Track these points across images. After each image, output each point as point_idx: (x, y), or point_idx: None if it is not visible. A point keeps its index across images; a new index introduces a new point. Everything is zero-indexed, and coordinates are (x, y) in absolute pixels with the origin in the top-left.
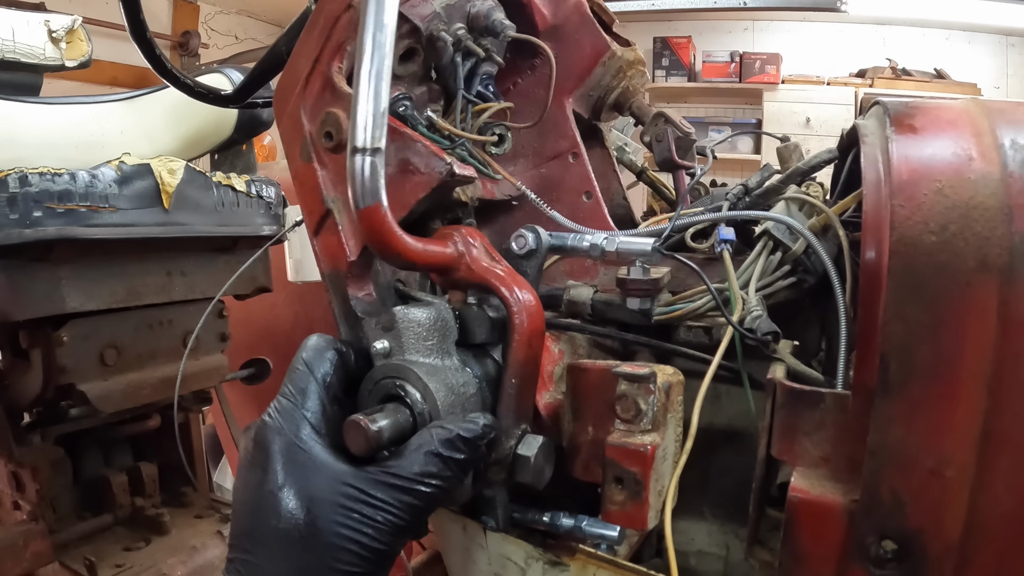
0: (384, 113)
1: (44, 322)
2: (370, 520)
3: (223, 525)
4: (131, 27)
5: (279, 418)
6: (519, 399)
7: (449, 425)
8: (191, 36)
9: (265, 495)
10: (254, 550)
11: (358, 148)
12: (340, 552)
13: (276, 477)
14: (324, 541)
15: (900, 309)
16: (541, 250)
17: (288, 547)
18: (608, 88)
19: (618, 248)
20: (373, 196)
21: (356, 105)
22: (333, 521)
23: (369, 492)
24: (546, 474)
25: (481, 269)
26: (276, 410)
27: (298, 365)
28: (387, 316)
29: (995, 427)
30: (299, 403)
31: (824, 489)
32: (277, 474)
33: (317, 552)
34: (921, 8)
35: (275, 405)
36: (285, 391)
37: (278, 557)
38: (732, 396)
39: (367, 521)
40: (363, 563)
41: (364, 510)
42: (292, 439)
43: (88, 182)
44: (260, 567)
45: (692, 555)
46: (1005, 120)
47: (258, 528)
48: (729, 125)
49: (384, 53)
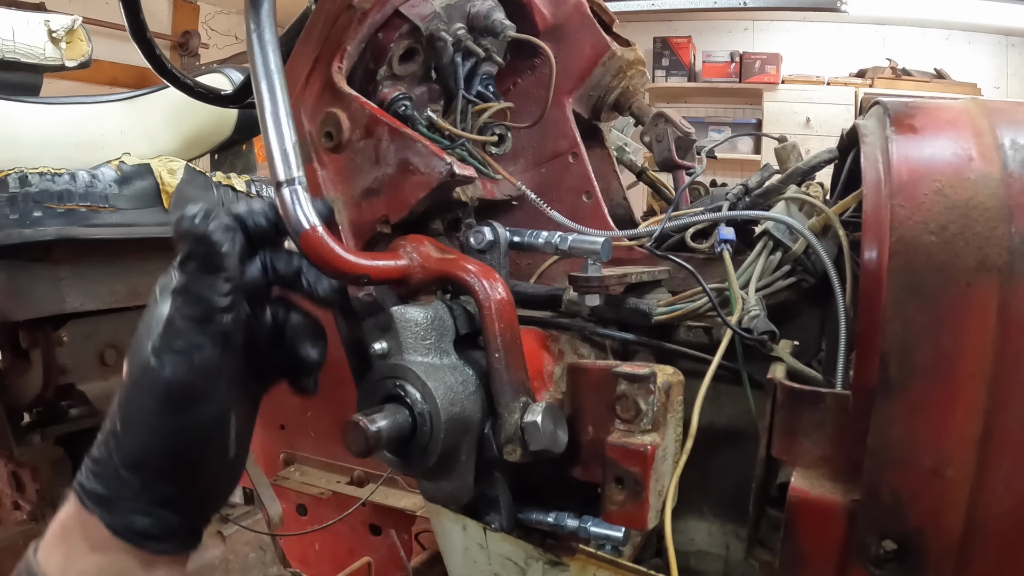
0: (294, 145)
1: (44, 322)
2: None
3: (223, 525)
4: (131, 27)
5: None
6: (510, 371)
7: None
8: (191, 36)
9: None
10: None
11: (280, 181)
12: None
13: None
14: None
15: (900, 309)
16: (500, 244)
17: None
18: (608, 88)
19: (570, 246)
20: (307, 221)
21: (267, 145)
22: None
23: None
24: (560, 438)
25: (434, 263)
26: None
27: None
28: (384, 317)
29: (995, 427)
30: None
31: (824, 489)
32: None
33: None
34: (921, 8)
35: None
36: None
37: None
38: (732, 396)
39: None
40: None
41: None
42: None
43: (88, 182)
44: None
45: (692, 555)
46: (1005, 120)
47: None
48: (729, 125)
49: (277, 97)
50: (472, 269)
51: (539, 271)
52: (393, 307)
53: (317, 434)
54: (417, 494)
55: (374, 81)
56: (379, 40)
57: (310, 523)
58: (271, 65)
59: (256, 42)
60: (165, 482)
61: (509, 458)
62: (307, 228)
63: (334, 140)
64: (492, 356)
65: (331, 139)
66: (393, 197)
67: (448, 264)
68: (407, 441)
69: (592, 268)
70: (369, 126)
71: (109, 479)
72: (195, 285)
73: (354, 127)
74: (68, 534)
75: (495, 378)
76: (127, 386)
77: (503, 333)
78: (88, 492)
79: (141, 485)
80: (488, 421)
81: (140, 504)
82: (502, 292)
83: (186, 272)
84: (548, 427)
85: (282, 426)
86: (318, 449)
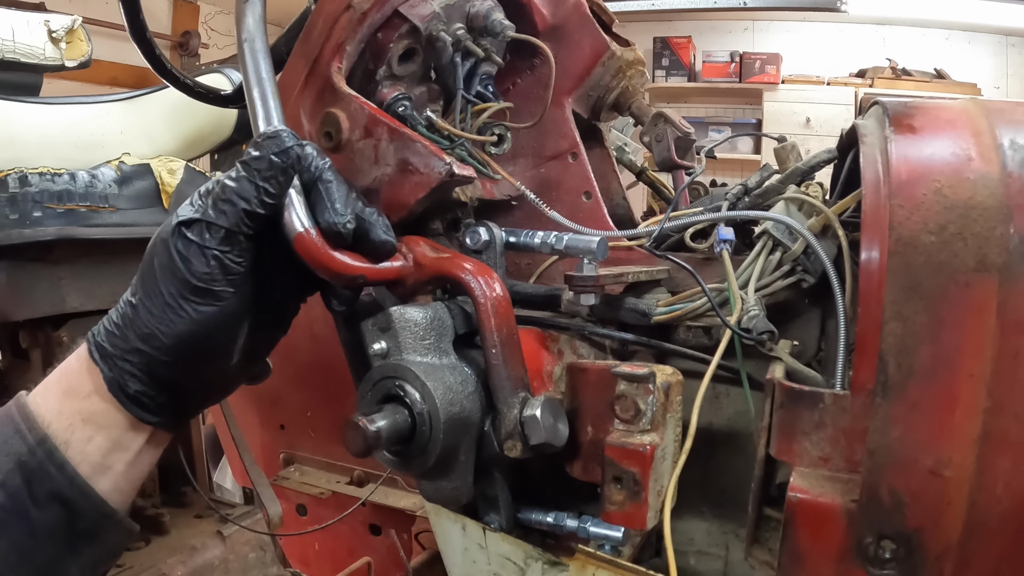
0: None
1: (44, 322)
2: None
3: (223, 525)
4: (131, 27)
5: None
6: (508, 367)
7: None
8: (191, 36)
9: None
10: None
11: None
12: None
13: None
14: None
15: (899, 309)
16: (496, 244)
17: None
18: (608, 88)
19: (566, 245)
20: (300, 224)
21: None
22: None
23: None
24: (560, 431)
25: (430, 263)
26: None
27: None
28: (384, 317)
29: (994, 427)
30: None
31: (823, 489)
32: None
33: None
34: (921, 8)
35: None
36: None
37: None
38: (731, 396)
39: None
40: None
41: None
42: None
43: (88, 182)
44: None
45: (691, 555)
46: (1004, 120)
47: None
48: (729, 125)
49: (270, 106)
50: (468, 267)
51: (538, 271)
52: (392, 307)
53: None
54: (417, 494)
55: (373, 81)
56: (378, 40)
57: (310, 523)
58: (262, 72)
59: (248, 49)
60: (166, 360)
61: (510, 454)
62: (301, 231)
63: (333, 140)
64: (490, 352)
65: (330, 139)
66: (392, 197)
67: (444, 263)
68: (406, 441)
69: (588, 267)
70: (368, 126)
71: (118, 340)
72: (252, 180)
73: (353, 127)
74: (70, 377)
75: (493, 374)
76: (156, 266)
77: (500, 329)
78: (98, 346)
79: (144, 356)
80: (488, 418)
81: (139, 372)
82: (499, 289)
83: (255, 169)
84: (548, 420)
85: (282, 426)
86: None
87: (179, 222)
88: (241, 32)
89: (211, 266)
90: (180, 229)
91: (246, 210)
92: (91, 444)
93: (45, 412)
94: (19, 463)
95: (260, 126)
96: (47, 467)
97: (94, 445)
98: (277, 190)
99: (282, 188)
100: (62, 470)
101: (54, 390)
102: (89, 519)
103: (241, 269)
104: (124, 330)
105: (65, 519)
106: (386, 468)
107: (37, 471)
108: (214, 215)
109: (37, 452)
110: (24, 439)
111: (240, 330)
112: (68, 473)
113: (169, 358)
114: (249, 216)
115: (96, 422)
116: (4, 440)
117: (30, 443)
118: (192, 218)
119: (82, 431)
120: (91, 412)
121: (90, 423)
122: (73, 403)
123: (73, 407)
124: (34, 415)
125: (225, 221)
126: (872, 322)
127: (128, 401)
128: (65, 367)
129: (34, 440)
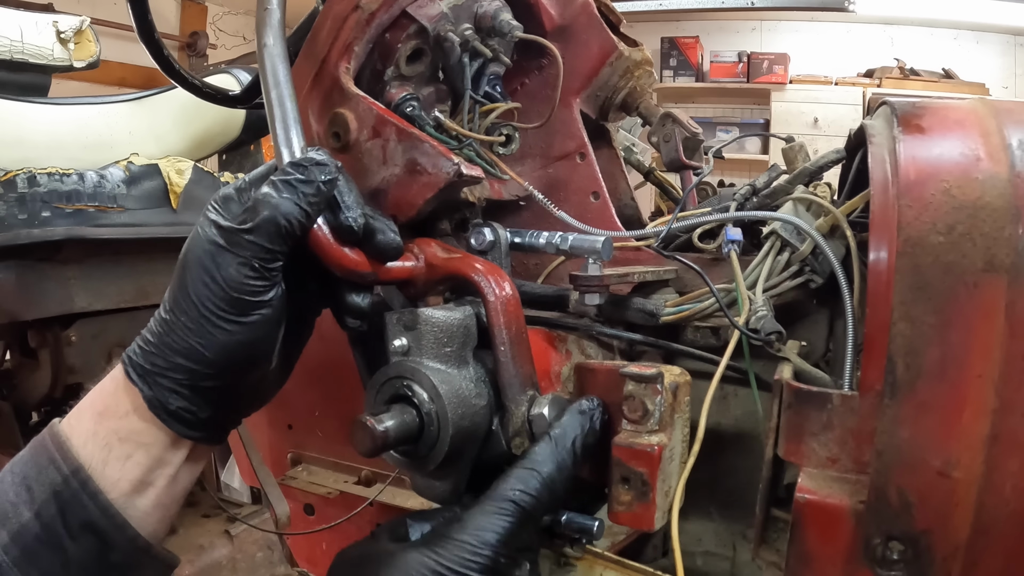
0: (303, 149)
1: (53, 322)
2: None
3: (230, 525)
4: (139, 28)
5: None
6: (516, 365)
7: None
8: (199, 37)
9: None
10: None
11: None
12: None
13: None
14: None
15: (907, 310)
16: (501, 244)
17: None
18: (615, 88)
19: (571, 245)
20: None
21: (277, 153)
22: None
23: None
24: None
25: (440, 263)
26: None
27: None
28: (410, 315)
29: (1003, 428)
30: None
31: (831, 490)
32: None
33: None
34: (929, 8)
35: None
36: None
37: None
38: (739, 397)
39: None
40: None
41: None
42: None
43: (96, 182)
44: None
45: (699, 555)
46: (1013, 120)
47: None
48: (737, 125)
49: (286, 106)
50: (479, 267)
51: (546, 271)
52: (421, 308)
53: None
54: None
55: (381, 82)
56: (386, 41)
57: (317, 523)
58: (280, 75)
59: (266, 52)
60: (210, 373)
61: (517, 452)
62: (314, 227)
63: (341, 140)
64: (498, 350)
65: (338, 139)
66: (401, 197)
67: (455, 263)
68: (414, 441)
69: (593, 267)
70: (376, 126)
71: (156, 358)
72: (298, 203)
73: (361, 127)
74: (105, 398)
75: (502, 372)
76: (189, 280)
77: (509, 327)
78: (135, 365)
79: (185, 370)
80: (496, 417)
81: (181, 388)
82: (508, 289)
83: (301, 192)
84: (555, 418)
85: (290, 426)
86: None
87: (213, 236)
88: (261, 38)
89: (249, 278)
90: (215, 242)
91: (287, 228)
92: (130, 461)
93: (79, 435)
94: (54, 493)
95: (280, 140)
96: (81, 496)
97: (133, 462)
98: (317, 214)
99: (321, 211)
100: (95, 499)
101: (88, 412)
102: (122, 551)
103: (278, 279)
104: (161, 348)
105: (98, 550)
106: (394, 468)
107: (71, 501)
108: (254, 234)
109: (71, 481)
110: (59, 469)
111: (278, 336)
112: (101, 503)
113: (213, 370)
114: (289, 234)
115: (135, 440)
116: (40, 470)
117: (64, 472)
118: (229, 227)
119: (120, 449)
120: (129, 431)
121: (128, 441)
122: (109, 423)
123: (109, 427)
124: (68, 442)
125: (265, 237)
126: (880, 323)
127: (169, 418)
128: (99, 389)
129: (68, 469)
